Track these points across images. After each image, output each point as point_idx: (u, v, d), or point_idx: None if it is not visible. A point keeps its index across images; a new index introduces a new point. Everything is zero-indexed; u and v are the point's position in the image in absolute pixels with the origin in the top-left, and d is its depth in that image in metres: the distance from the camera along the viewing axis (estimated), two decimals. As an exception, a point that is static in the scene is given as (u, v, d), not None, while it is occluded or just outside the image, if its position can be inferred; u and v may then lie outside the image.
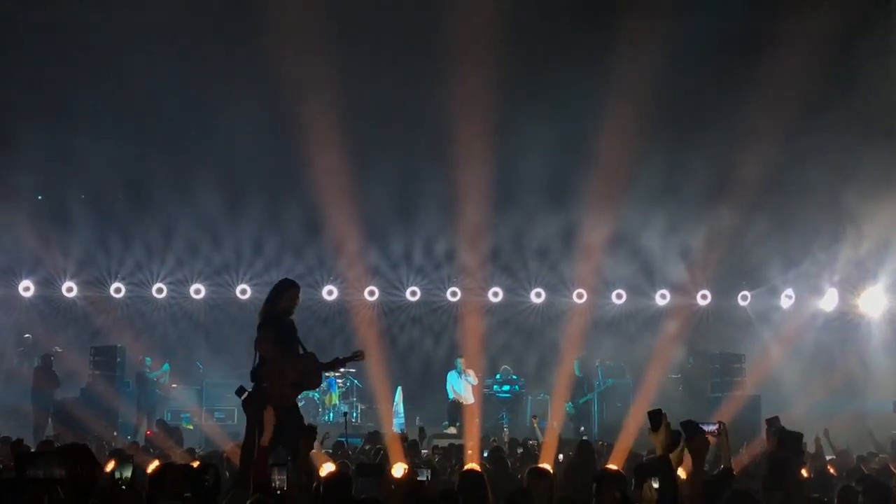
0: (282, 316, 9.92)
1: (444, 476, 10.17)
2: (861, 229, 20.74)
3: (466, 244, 21.60)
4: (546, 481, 7.42)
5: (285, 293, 10.07)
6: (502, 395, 21.69)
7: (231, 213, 21.34)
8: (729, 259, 22.01)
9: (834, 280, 22.51)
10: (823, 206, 20.92)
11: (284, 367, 9.63)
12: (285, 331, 9.90)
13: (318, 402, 21.10)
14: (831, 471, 11.26)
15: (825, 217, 21.16)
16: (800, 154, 20.27)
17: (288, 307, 10.02)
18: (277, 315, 9.89)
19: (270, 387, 9.49)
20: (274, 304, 9.98)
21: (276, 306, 9.96)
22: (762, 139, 19.47)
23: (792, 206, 21.45)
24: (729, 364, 20.99)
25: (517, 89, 19.92)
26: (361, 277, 22.24)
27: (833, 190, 20.33)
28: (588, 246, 21.57)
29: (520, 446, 13.70)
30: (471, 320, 21.75)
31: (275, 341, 9.65)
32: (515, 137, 20.24)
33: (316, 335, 22.59)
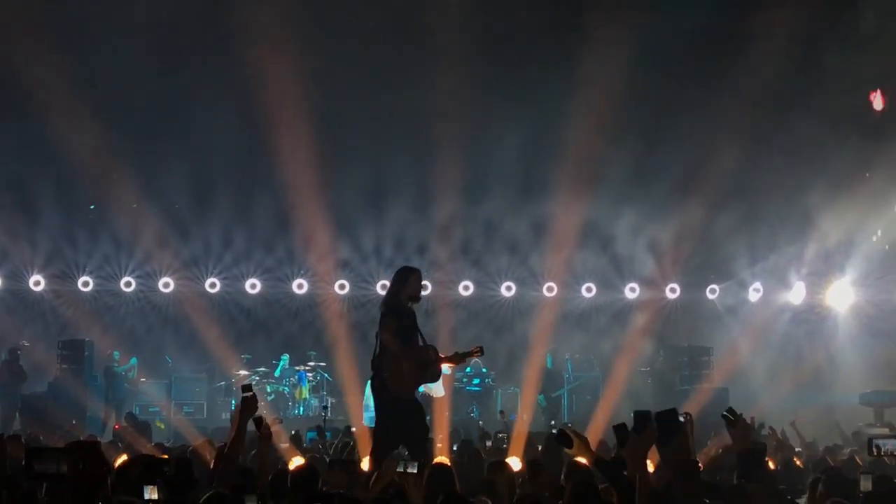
0: (404, 305, 9.77)
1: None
2: (828, 223, 20.90)
3: (437, 238, 21.60)
4: (505, 474, 7.43)
5: (409, 279, 9.90)
6: (472, 389, 21.71)
7: (200, 207, 21.23)
8: (698, 253, 22.14)
9: (801, 273, 22.69)
10: (791, 200, 21.09)
11: (405, 358, 9.55)
12: (407, 321, 9.76)
13: (289, 396, 21.05)
14: (798, 463, 11.37)
15: (793, 211, 21.32)
16: (768, 148, 20.44)
17: (414, 294, 9.89)
18: (401, 303, 9.75)
19: (390, 378, 9.45)
20: (397, 292, 9.83)
21: (401, 294, 9.81)
22: (731, 134, 19.59)
23: (760, 200, 21.60)
24: (697, 357, 21.13)
25: (488, 83, 19.91)
26: (331, 271, 22.19)
27: (800, 184, 20.48)
28: (558, 240, 21.64)
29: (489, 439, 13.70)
30: (441, 314, 21.75)
31: (396, 331, 9.54)
32: (486, 132, 20.26)
33: (286, 329, 22.62)
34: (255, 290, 22.35)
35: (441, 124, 18.26)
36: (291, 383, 21.11)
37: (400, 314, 9.68)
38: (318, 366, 21.22)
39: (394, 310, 9.66)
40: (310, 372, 21.19)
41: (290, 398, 21.06)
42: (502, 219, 22.04)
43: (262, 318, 22.72)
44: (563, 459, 9.72)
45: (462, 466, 10.16)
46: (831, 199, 20.26)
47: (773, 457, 11.33)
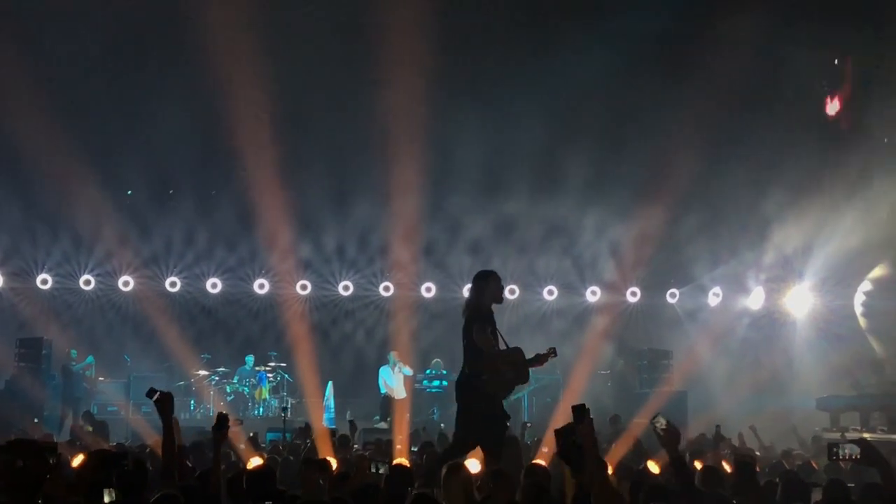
0: (488, 308, 9.84)
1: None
2: (787, 229, 21.12)
3: (400, 239, 21.58)
4: (460, 476, 7.45)
5: (490, 283, 9.95)
6: (433, 390, 21.72)
7: (161, 205, 21.09)
8: (658, 257, 22.29)
9: (760, 279, 22.92)
10: (750, 206, 21.29)
11: (501, 361, 9.63)
12: (494, 324, 9.83)
13: (248, 397, 20.96)
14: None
15: (752, 217, 21.53)
16: (728, 154, 20.61)
17: (497, 296, 9.95)
18: (486, 307, 9.81)
19: (490, 380, 9.54)
20: (481, 296, 9.89)
21: (484, 298, 9.87)
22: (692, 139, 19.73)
23: (720, 205, 21.78)
24: (657, 360, 21.28)
25: (452, 85, 19.91)
26: (293, 271, 22.12)
27: (760, 190, 20.69)
28: (521, 242, 21.71)
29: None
30: (403, 315, 21.76)
31: (489, 335, 9.63)
32: (450, 133, 20.26)
33: (246, 329, 22.51)
34: (216, 290, 22.24)
35: (404, 125, 18.25)
36: (251, 384, 21.02)
37: (487, 318, 9.77)
38: (279, 366, 21.14)
39: (481, 314, 9.76)
40: (270, 372, 21.11)
41: (250, 399, 20.97)
42: (465, 221, 22.07)
43: (223, 317, 22.61)
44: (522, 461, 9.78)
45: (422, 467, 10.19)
46: (790, 206, 20.48)
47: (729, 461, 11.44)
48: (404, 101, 17.96)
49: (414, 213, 20.63)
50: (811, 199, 20.74)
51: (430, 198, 20.46)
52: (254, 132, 18.15)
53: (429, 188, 19.99)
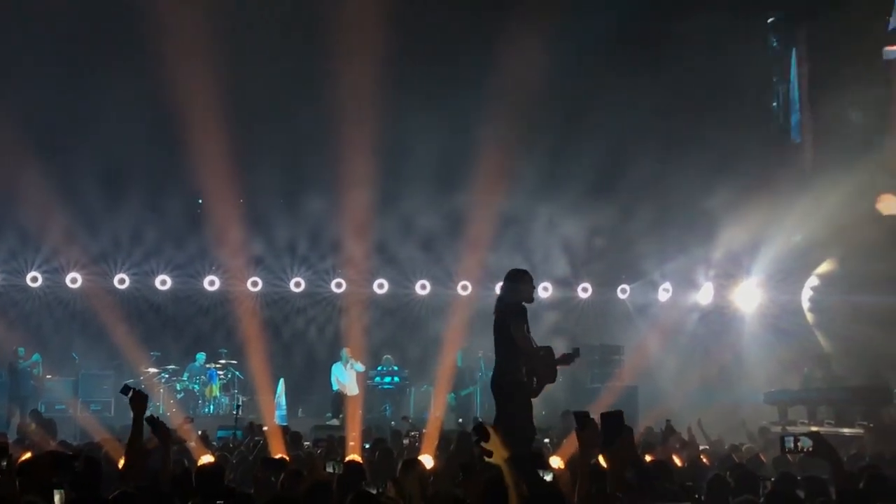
0: (521, 306, 9.91)
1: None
2: (735, 225, 21.34)
3: (352, 235, 21.50)
4: (415, 472, 7.46)
5: (523, 282, 10.11)
6: (385, 387, 21.70)
7: (109, 201, 20.82)
8: (609, 253, 22.44)
9: (709, 274, 23.16)
10: (700, 203, 21.49)
11: (537, 358, 9.79)
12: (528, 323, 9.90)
13: (199, 395, 20.80)
14: (704, 460, 11.59)
15: (701, 213, 21.73)
16: (678, 151, 20.78)
17: (529, 296, 10.07)
18: (519, 305, 9.89)
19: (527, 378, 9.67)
20: (516, 294, 9.99)
21: (519, 296, 9.96)
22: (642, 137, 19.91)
23: (670, 202, 21.96)
24: (608, 355, 21.43)
25: (404, 80, 19.90)
26: (244, 268, 21.96)
27: (709, 187, 20.89)
28: (473, 238, 21.72)
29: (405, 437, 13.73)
30: (355, 311, 21.71)
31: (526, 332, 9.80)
32: (401, 129, 20.23)
33: (196, 326, 22.32)
34: (166, 287, 22.02)
35: (356, 120, 18.19)
36: (201, 381, 20.86)
37: (522, 316, 9.87)
38: (230, 364, 21.01)
39: (517, 312, 9.87)
40: (220, 370, 20.97)
41: (201, 396, 20.81)
42: (418, 217, 22.05)
43: (173, 314, 22.40)
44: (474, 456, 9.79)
45: (374, 464, 10.18)
46: (738, 202, 20.69)
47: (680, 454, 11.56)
48: (356, 97, 17.90)
49: (366, 209, 20.57)
50: (759, 195, 20.99)
51: (382, 193, 20.42)
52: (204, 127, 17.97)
53: (381, 184, 19.94)
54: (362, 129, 18.30)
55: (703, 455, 11.93)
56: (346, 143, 18.80)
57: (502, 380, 9.90)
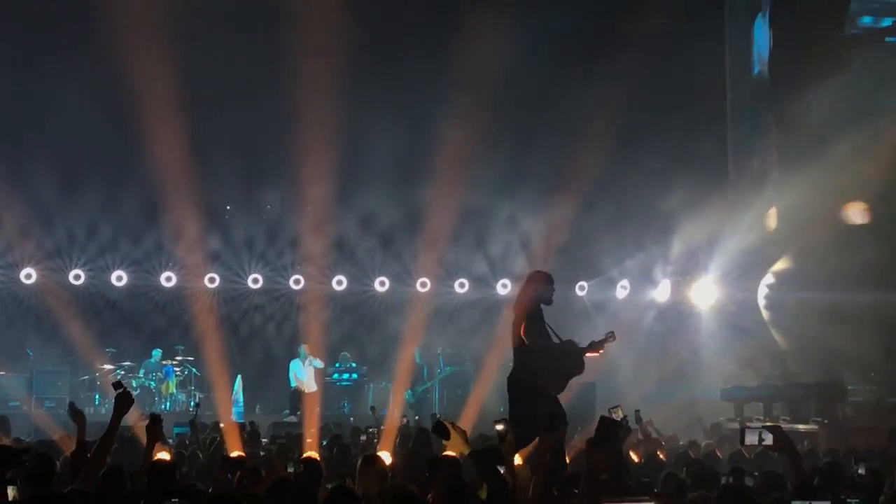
0: (538, 305, 10.04)
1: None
2: (692, 223, 21.49)
3: (310, 231, 21.42)
4: (374, 468, 7.44)
5: (541, 283, 10.26)
6: (344, 384, 21.66)
7: (64, 196, 20.56)
8: (568, 250, 22.49)
9: (667, 271, 23.30)
10: (657, 199, 21.62)
11: (556, 356, 9.87)
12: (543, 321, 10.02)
13: (155, 392, 20.63)
14: (661, 456, 11.66)
15: (659, 210, 21.86)
16: (635, 149, 20.91)
17: (547, 297, 10.20)
18: (536, 305, 10.02)
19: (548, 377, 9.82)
20: (533, 294, 10.12)
21: (535, 297, 10.11)
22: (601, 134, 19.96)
23: (628, 199, 22.07)
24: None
25: (364, 76, 19.86)
26: (201, 264, 21.79)
27: (666, 184, 21.03)
28: (432, 235, 21.71)
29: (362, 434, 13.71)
30: (313, 308, 21.61)
31: (542, 332, 9.86)
32: (361, 125, 20.19)
33: (153, 322, 22.12)
34: (122, 283, 21.79)
35: (315, 115, 18.11)
36: (158, 378, 20.70)
37: (536, 316, 10.00)
38: (186, 360, 20.86)
39: (531, 312, 10.00)
40: (177, 366, 20.82)
41: (157, 393, 20.64)
42: (377, 213, 22.00)
43: (129, 311, 22.18)
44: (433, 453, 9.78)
45: (331, 461, 10.14)
46: (695, 200, 20.84)
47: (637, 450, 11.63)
48: (314, 91, 17.82)
49: (324, 205, 20.50)
50: (716, 193, 21.15)
51: (341, 190, 20.35)
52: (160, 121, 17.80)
53: (340, 180, 19.87)
54: (321, 123, 18.22)
55: (660, 451, 12.00)
56: (304, 139, 18.72)
57: (520, 383, 10.01)
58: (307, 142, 18.75)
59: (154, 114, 17.76)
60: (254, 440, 13.05)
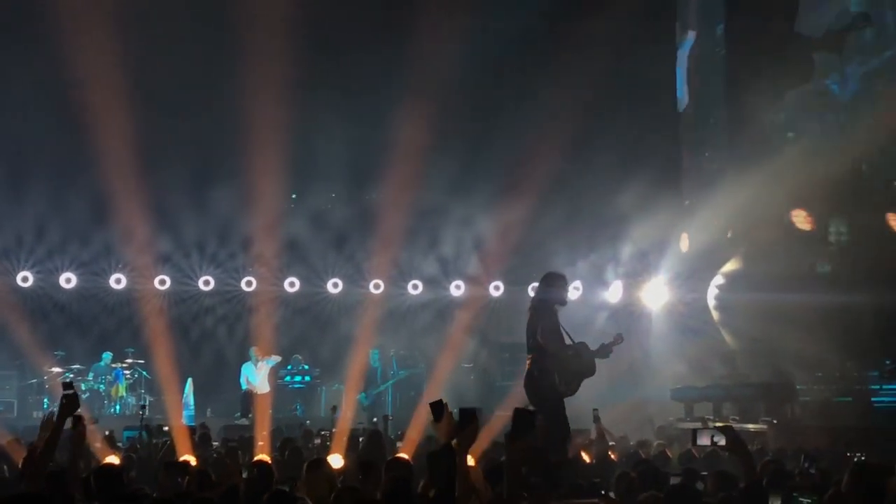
0: (553, 307, 10.34)
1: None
2: (643, 224, 21.65)
3: (262, 233, 21.29)
4: (321, 472, 7.42)
5: (556, 285, 10.62)
6: (296, 386, 21.58)
7: (12, 197, 20.28)
8: (521, 251, 22.56)
9: (618, 273, 23.44)
10: (609, 201, 21.75)
11: (569, 359, 10.10)
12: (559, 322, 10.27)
13: (104, 395, 20.41)
14: (612, 456, 11.73)
15: (610, 211, 22.00)
16: (587, 150, 21.03)
17: (562, 298, 10.57)
18: (551, 307, 10.34)
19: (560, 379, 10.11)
20: (549, 296, 10.46)
21: (551, 298, 10.43)
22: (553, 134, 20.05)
23: (580, 201, 22.18)
24: (519, 353, 21.45)
25: (317, 76, 19.79)
26: (151, 265, 21.57)
27: (618, 186, 21.17)
28: (386, 237, 21.68)
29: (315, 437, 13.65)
30: (265, 310, 21.48)
31: (558, 335, 10.19)
32: (313, 126, 20.10)
33: (102, 325, 21.87)
34: (70, 285, 21.52)
35: (267, 115, 18.01)
36: (107, 381, 20.48)
37: (554, 317, 10.28)
38: (136, 363, 20.66)
39: (549, 314, 10.34)
40: (127, 369, 20.62)
41: (106, 396, 20.43)
42: (330, 215, 21.94)
43: (78, 313, 21.90)
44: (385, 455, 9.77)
45: (283, 464, 10.09)
46: (646, 202, 20.99)
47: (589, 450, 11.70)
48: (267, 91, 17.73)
49: (277, 207, 20.39)
50: (667, 195, 21.32)
51: (294, 191, 20.26)
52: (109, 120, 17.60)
53: (293, 181, 19.79)
54: (272, 124, 18.12)
55: (611, 451, 12.07)
56: (256, 139, 18.61)
57: (535, 384, 10.37)
58: (259, 142, 18.64)
59: (103, 114, 17.56)
60: (205, 443, 12.95)
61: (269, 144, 18.48)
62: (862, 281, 20.11)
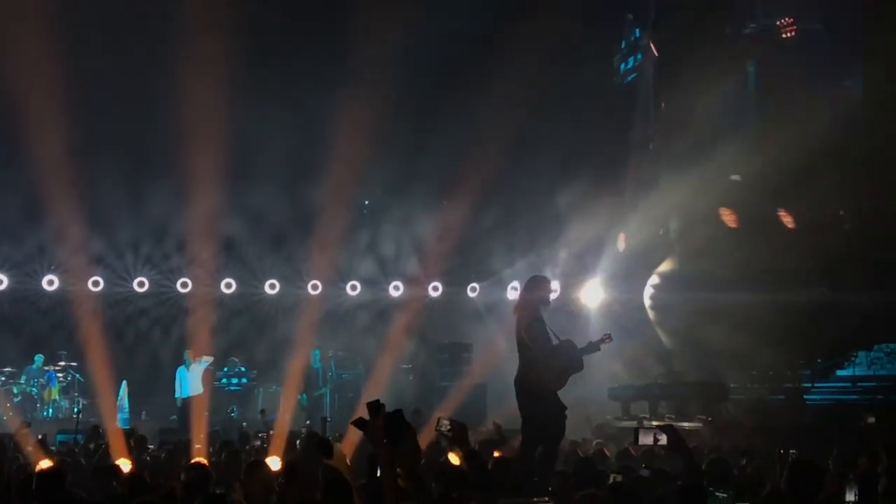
0: (538, 308, 10.54)
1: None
2: (580, 226, 21.81)
3: (198, 233, 21.06)
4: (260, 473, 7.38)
5: (540, 286, 10.81)
6: (232, 388, 21.41)
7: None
8: (460, 252, 22.62)
9: (556, 273, 23.59)
10: (547, 203, 21.89)
11: (556, 354, 10.29)
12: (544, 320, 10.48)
13: (37, 398, 20.07)
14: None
15: (548, 213, 22.15)
16: (526, 152, 21.15)
17: (545, 299, 10.76)
18: (537, 308, 10.54)
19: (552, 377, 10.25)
20: (533, 297, 10.66)
21: (535, 300, 10.63)
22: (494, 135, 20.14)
23: (518, 202, 22.31)
24: (457, 353, 21.64)
25: (254, 77, 19.67)
26: (85, 267, 21.23)
27: (555, 187, 21.30)
28: (324, 237, 21.59)
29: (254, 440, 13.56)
30: (202, 312, 21.26)
31: (544, 334, 10.34)
32: (251, 127, 19.96)
33: (35, 327, 21.50)
34: (2, 286, 21.11)
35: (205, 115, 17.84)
36: (40, 384, 20.15)
37: (537, 318, 10.48)
38: (69, 366, 20.35)
39: (536, 315, 10.50)
40: (60, 372, 20.31)
41: (39, 400, 20.10)
42: (267, 216, 21.77)
43: (9, 315, 21.50)
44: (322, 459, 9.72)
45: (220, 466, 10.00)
46: (583, 203, 21.16)
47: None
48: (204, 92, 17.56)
49: (213, 207, 20.19)
50: (603, 196, 21.51)
51: (230, 191, 20.07)
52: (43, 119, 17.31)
53: (230, 181, 19.61)
54: (210, 123, 17.95)
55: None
56: (192, 139, 18.42)
57: (525, 382, 10.46)
58: (195, 142, 18.45)
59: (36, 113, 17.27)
60: (140, 447, 12.78)
61: (206, 144, 18.31)
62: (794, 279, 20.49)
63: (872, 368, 21.07)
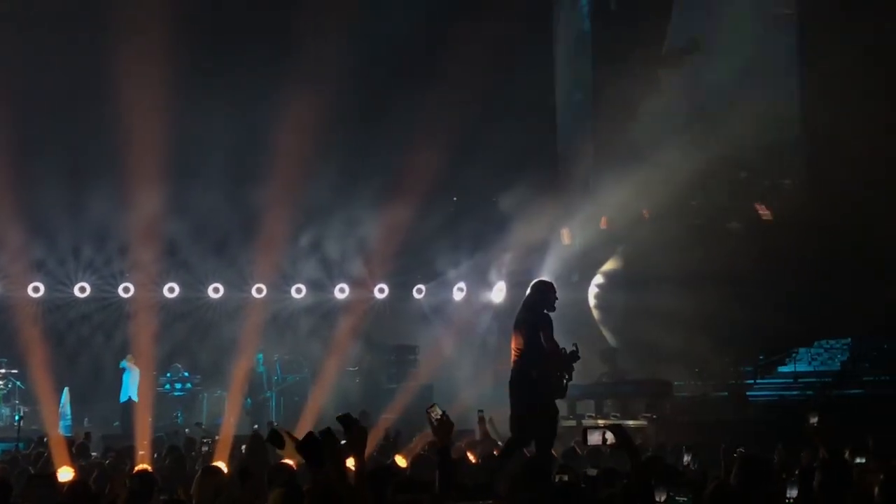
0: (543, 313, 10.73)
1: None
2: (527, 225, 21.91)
3: (140, 237, 20.82)
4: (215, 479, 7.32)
5: (548, 291, 10.97)
6: (176, 394, 21.21)
7: None
8: (405, 253, 22.61)
9: (502, 273, 23.67)
10: (492, 203, 21.97)
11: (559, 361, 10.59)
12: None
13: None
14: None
15: (494, 212, 22.23)
16: (471, 151, 21.20)
17: (551, 305, 10.87)
18: (542, 312, 10.74)
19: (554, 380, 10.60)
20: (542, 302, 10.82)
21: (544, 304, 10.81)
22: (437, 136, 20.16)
23: (464, 201, 22.36)
24: (404, 355, 21.66)
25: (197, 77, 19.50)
26: (24, 272, 20.91)
27: (499, 186, 21.39)
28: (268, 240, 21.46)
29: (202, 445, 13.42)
30: (144, 317, 21.02)
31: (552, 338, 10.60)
32: (193, 128, 19.76)
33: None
34: (-62, 293, 20.74)
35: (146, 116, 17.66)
36: (-21, 392, 19.82)
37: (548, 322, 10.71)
38: (10, 373, 20.02)
39: (542, 319, 10.71)
40: (0, 380, 19.96)
41: (-22, 407, 19.78)
42: (210, 218, 21.58)
43: (-54, 322, 21.11)
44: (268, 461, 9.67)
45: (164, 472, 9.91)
46: (529, 203, 21.26)
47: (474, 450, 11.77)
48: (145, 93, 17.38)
49: (155, 210, 19.97)
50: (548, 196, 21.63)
51: (172, 193, 19.87)
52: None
53: (172, 184, 19.42)
54: (151, 125, 17.77)
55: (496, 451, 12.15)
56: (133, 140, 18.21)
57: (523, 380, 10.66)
58: (136, 144, 18.25)
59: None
60: (83, 454, 12.61)
61: (147, 146, 18.11)
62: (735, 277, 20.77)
63: (813, 364, 21.43)
